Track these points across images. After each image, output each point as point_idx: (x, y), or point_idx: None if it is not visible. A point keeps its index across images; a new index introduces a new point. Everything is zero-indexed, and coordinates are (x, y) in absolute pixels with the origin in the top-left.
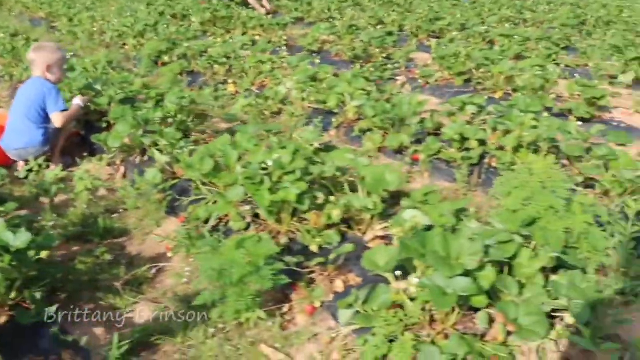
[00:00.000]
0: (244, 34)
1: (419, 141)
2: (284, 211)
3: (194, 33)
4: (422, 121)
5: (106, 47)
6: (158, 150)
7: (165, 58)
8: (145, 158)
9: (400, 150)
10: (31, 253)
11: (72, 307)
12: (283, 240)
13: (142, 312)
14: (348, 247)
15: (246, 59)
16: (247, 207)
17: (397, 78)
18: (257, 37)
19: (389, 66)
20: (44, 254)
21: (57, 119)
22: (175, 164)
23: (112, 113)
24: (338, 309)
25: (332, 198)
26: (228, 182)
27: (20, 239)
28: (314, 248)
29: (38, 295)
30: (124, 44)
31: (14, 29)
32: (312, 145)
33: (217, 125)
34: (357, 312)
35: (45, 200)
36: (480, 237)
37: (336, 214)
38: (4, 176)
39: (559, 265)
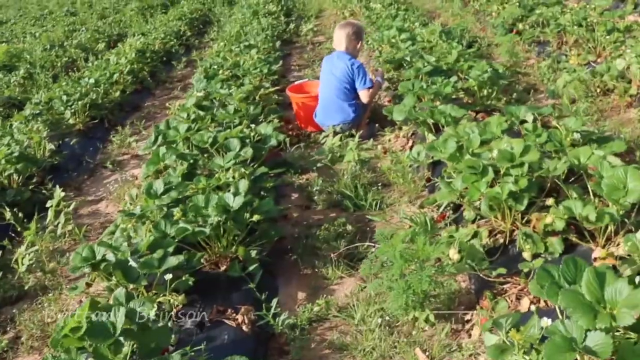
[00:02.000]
0: None
1: None
2: (507, 208)
3: None
4: None
5: (474, 14)
6: (429, 127)
7: (520, 26)
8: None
9: None
10: (246, 215)
11: (290, 270)
12: (500, 240)
13: (346, 288)
14: (537, 262)
15: (597, 26)
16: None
17: None
18: None
19: None
20: (255, 218)
21: (364, 96)
22: None
23: (400, 87)
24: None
25: (549, 200)
26: (460, 168)
27: (236, 202)
28: (526, 255)
29: (254, 253)
30: (491, 12)
31: None
32: (572, 135)
33: (541, 102)
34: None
35: (335, 166)
36: None
37: (550, 220)
38: (280, 142)
39: None
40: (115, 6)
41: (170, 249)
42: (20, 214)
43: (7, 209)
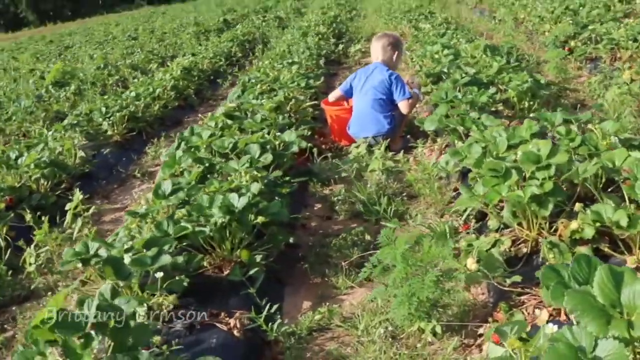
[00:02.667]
0: None
1: None
2: (532, 215)
3: (614, 14)
4: None
5: (525, 34)
6: (459, 135)
7: (572, 43)
8: None
9: None
10: (251, 216)
11: (299, 278)
12: (523, 249)
13: (354, 298)
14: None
15: None
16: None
17: None
18: None
19: None
20: (259, 219)
21: (404, 107)
22: None
23: (433, 96)
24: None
25: (577, 206)
26: (482, 172)
27: (241, 202)
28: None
29: (259, 257)
30: (544, 31)
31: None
32: (608, 137)
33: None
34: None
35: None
36: None
37: (576, 226)
38: (304, 148)
39: None
40: (175, 31)
41: (166, 247)
42: (43, 218)
43: (29, 212)
